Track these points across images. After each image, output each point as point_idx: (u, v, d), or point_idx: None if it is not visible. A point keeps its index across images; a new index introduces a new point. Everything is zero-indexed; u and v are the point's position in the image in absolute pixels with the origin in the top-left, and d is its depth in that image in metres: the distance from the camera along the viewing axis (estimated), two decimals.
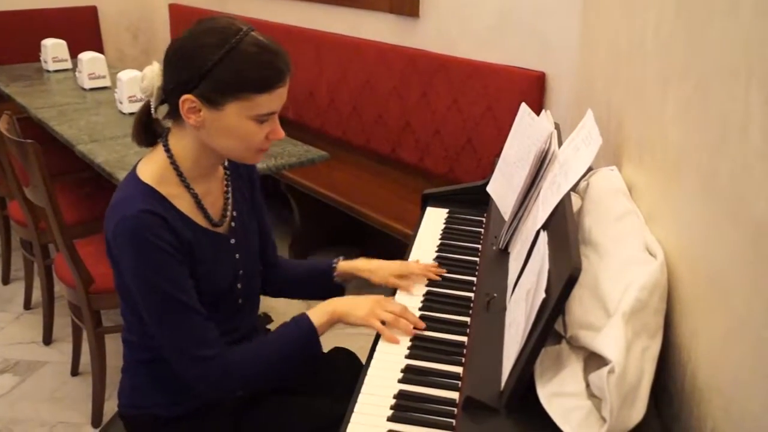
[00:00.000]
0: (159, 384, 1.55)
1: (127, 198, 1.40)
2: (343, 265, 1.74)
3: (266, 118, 1.39)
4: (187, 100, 1.36)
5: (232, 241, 1.56)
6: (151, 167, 1.45)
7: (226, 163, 1.59)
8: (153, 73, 1.43)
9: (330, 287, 1.75)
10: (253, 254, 1.63)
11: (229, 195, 1.57)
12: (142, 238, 1.35)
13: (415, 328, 1.45)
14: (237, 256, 1.57)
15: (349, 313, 1.50)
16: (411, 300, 1.58)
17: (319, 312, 1.51)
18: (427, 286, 1.64)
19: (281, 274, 1.78)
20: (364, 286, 1.73)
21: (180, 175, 1.45)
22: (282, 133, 1.43)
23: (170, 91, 1.39)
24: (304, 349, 1.49)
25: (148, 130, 1.50)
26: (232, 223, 1.56)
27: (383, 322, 1.46)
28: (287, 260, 1.83)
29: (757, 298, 0.82)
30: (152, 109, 1.46)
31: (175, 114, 1.42)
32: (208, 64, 1.33)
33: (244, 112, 1.36)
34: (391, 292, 1.64)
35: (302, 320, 1.50)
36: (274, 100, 1.38)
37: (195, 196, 1.48)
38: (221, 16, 1.42)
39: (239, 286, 1.58)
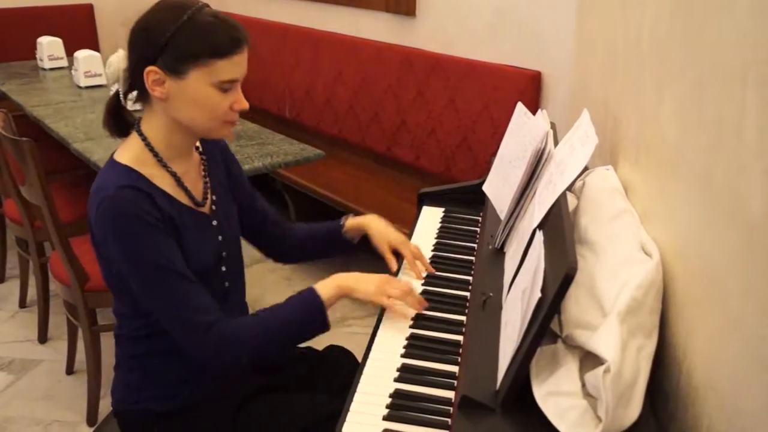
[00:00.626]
0: (151, 378, 1.55)
1: (105, 180, 1.42)
2: (351, 221, 1.79)
3: (228, 86, 1.41)
4: (151, 72, 1.38)
5: (214, 222, 1.57)
6: (128, 152, 1.47)
7: (200, 149, 1.61)
8: (118, 58, 1.47)
9: (341, 243, 1.80)
10: (235, 238, 1.65)
11: (207, 179, 1.59)
12: (124, 213, 1.37)
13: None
14: (220, 238, 1.58)
15: (356, 288, 1.50)
16: None
17: (326, 286, 1.50)
18: (424, 285, 1.64)
19: (295, 241, 1.81)
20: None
21: (156, 155, 1.47)
22: (246, 104, 1.46)
23: (134, 68, 1.42)
24: (311, 322, 1.47)
25: (118, 120, 1.53)
26: (213, 206, 1.58)
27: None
28: (293, 226, 1.85)
29: (752, 296, 0.82)
30: (121, 96, 1.49)
31: (143, 95, 1.45)
32: (168, 34, 1.37)
33: (206, 78, 1.39)
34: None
35: (309, 293, 1.48)
36: (234, 66, 1.41)
37: (174, 175, 1.49)
38: None
39: (224, 268, 1.59)
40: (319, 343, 1.68)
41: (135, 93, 1.48)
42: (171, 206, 1.45)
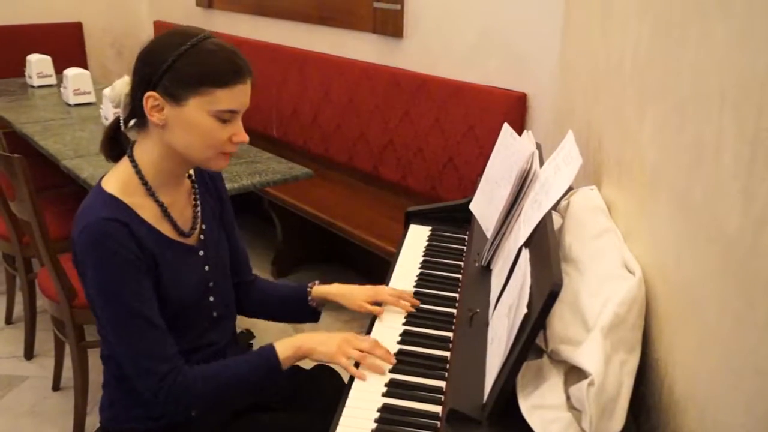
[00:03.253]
0: (134, 399, 1.53)
1: (89, 207, 1.42)
2: (318, 289, 1.74)
3: (227, 116, 1.41)
4: (150, 97, 1.39)
5: (201, 252, 1.56)
6: (116, 178, 1.46)
7: (193, 177, 1.60)
8: (123, 82, 1.48)
9: (305, 311, 1.76)
10: (223, 267, 1.64)
11: (198, 208, 1.59)
12: (103, 245, 1.36)
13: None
14: (206, 268, 1.57)
15: (316, 349, 1.49)
16: (394, 317, 1.61)
17: (286, 345, 1.50)
18: None
19: (258, 294, 1.78)
20: (341, 310, 1.73)
21: (145, 184, 1.46)
22: (245, 137, 1.45)
23: (135, 92, 1.42)
24: (265, 379, 1.49)
25: (115, 144, 1.53)
26: (201, 236, 1.57)
27: (357, 365, 1.44)
28: (264, 281, 1.83)
29: (727, 311, 0.85)
30: (121, 121, 1.49)
31: (140, 120, 1.45)
32: (169, 59, 1.37)
33: (205, 107, 1.38)
34: (369, 323, 1.64)
35: (267, 351, 1.49)
36: (234, 97, 1.40)
37: (161, 205, 1.48)
38: (184, 26, 1.47)
39: (212, 298, 1.58)
40: (307, 363, 1.68)
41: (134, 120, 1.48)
42: (152, 239, 1.44)
